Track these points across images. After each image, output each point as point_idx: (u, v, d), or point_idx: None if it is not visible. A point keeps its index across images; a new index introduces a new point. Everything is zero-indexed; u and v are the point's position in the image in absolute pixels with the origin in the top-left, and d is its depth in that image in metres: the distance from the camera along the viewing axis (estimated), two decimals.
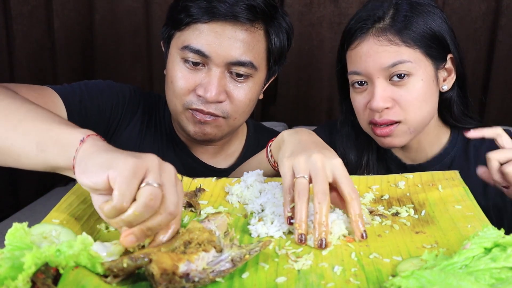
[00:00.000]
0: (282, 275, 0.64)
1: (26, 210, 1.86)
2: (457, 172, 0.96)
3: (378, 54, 1.08)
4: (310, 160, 0.79)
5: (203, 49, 1.08)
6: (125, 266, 0.61)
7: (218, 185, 0.96)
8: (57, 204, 0.82)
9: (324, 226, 0.73)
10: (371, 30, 1.10)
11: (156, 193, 0.65)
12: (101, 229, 0.78)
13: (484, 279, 0.59)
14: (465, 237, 0.69)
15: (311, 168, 0.78)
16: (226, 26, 1.08)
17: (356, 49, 1.11)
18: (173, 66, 1.13)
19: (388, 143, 1.14)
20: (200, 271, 0.62)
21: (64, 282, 0.58)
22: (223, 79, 1.10)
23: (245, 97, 1.13)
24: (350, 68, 1.14)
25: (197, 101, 1.11)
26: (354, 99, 1.16)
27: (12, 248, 0.61)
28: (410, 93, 1.09)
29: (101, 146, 0.72)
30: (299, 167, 0.79)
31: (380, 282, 0.63)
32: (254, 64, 1.11)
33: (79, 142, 0.73)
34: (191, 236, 0.67)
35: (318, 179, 0.77)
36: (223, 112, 1.12)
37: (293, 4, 1.93)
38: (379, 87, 1.09)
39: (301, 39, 1.96)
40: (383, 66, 1.08)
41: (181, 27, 1.11)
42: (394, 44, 1.08)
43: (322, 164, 0.78)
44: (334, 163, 0.79)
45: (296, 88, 2.03)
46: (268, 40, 1.15)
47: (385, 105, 1.09)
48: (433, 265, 0.63)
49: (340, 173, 0.79)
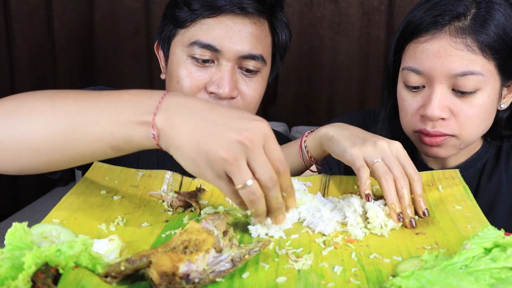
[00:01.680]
0: (282, 275, 0.64)
1: (26, 210, 1.87)
2: (457, 170, 0.95)
3: (449, 58, 0.95)
4: (378, 147, 0.84)
5: (213, 43, 1.04)
6: (123, 269, 0.61)
7: None
8: (57, 204, 0.82)
9: (411, 209, 0.79)
10: (448, 27, 0.96)
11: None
12: (101, 229, 0.78)
13: (484, 279, 0.59)
14: (465, 238, 0.69)
15: (382, 154, 0.83)
16: (235, 19, 1.05)
17: (424, 45, 0.98)
18: (178, 65, 1.08)
19: (435, 153, 1.04)
20: (200, 272, 0.62)
21: (64, 282, 0.58)
22: (234, 75, 1.07)
23: (256, 92, 1.11)
24: (409, 63, 1.01)
25: (209, 100, 1.05)
26: (404, 99, 1.04)
27: (12, 248, 0.61)
28: (472, 109, 0.98)
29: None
30: (370, 154, 0.84)
31: (380, 282, 0.63)
32: (264, 57, 1.09)
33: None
34: (189, 236, 0.66)
35: (393, 165, 0.82)
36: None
37: (293, 4, 1.93)
38: (440, 93, 0.97)
39: (301, 39, 1.97)
40: (452, 72, 0.95)
41: (186, 24, 1.07)
42: (471, 51, 0.95)
43: (390, 150, 0.83)
44: (397, 147, 0.84)
45: (296, 88, 2.03)
46: (274, 34, 1.13)
47: (441, 115, 0.98)
48: (433, 265, 0.63)
49: (403, 156, 0.84)
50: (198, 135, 0.67)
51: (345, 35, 1.96)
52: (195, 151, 0.67)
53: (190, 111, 0.69)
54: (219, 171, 0.67)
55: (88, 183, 0.91)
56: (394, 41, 1.07)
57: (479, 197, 1.10)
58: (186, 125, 0.68)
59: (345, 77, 2.00)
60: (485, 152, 1.13)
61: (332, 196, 0.89)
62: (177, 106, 0.70)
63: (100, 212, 0.82)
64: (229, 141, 0.66)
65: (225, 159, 0.65)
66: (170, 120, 0.68)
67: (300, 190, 0.88)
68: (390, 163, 0.82)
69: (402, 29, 1.04)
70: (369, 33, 1.96)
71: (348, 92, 2.01)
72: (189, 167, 0.69)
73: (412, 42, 1.00)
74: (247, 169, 0.67)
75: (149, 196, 0.90)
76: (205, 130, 0.67)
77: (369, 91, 2.02)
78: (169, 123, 0.68)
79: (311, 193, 0.89)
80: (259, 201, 0.68)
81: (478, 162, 1.12)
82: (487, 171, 1.11)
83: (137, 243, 0.73)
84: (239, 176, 0.66)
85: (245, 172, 0.66)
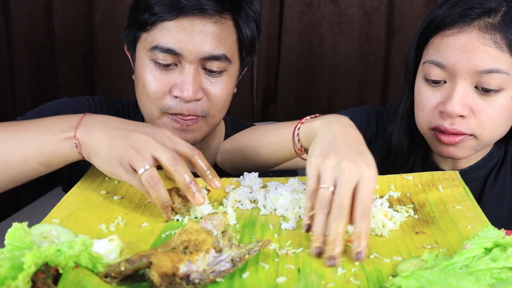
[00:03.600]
0: (282, 275, 0.64)
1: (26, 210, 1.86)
2: (457, 172, 0.95)
3: (476, 53, 0.92)
4: (339, 168, 0.72)
5: (173, 47, 1.02)
6: (123, 269, 0.61)
7: None
8: (57, 204, 0.82)
9: (337, 245, 0.68)
10: (477, 21, 0.93)
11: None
12: (101, 229, 0.78)
13: (484, 279, 0.59)
14: (465, 237, 0.69)
15: (337, 177, 0.72)
16: (194, 21, 1.03)
17: (450, 38, 0.95)
18: (143, 70, 1.06)
19: (450, 153, 1.00)
20: (200, 272, 0.62)
21: (64, 282, 0.58)
22: (198, 76, 1.05)
23: (222, 92, 1.08)
24: (432, 57, 0.98)
25: (175, 104, 1.05)
26: (423, 94, 1.01)
27: (12, 248, 0.61)
28: (493, 109, 0.95)
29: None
30: (326, 174, 0.73)
31: (380, 282, 0.63)
32: (227, 56, 1.06)
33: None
34: (189, 236, 0.66)
35: (340, 193, 0.71)
36: (202, 111, 1.07)
37: (293, 4, 1.93)
38: (462, 89, 0.94)
39: (301, 39, 1.96)
40: (477, 69, 0.93)
41: (147, 27, 1.05)
42: (499, 48, 0.92)
43: (349, 177, 0.71)
44: (363, 174, 0.72)
45: (296, 88, 2.03)
46: (239, 31, 1.09)
47: (461, 112, 0.95)
48: (433, 265, 0.63)
49: (364, 189, 0.72)
50: (111, 139, 0.82)
51: (345, 35, 1.96)
52: (108, 152, 0.82)
53: (105, 124, 0.85)
54: (126, 165, 0.80)
55: (88, 183, 0.92)
56: (417, 35, 1.04)
57: (485, 196, 1.10)
58: (102, 133, 0.84)
59: (345, 77, 2.00)
60: (496, 153, 1.11)
61: None
62: (94, 121, 0.86)
63: (100, 212, 0.82)
64: (135, 138, 0.81)
65: (130, 152, 0.80)
66: (89, 131, 0.85)
67: (300, 190, 0.88)
68: (340, 190, 0.71)
69: (427, 22, 1.01)
70: (369, 33, 1.95)
71: (348, 92, 2.01)
72: (104, 168, 0.84)
73: (437, 35, 0.97)
74: (149, 158, 0.80)
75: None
76: (116, 134, 0.83)
77: (369, 91, 2.02)
78: (88, 134, 0.85)
79: None
80: (157, 185, 0.79)
81: (489, 163, 1.10)
82: (494, 171, 1.11)
83: (137, 243, 0.73)
84: (140, 164, 0.79)
85: (146, 160, 0.79)
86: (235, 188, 0.92)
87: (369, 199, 0.72)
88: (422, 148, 1.10)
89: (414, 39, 1.05)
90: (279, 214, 0.83)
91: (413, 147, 1.11)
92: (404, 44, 1.89)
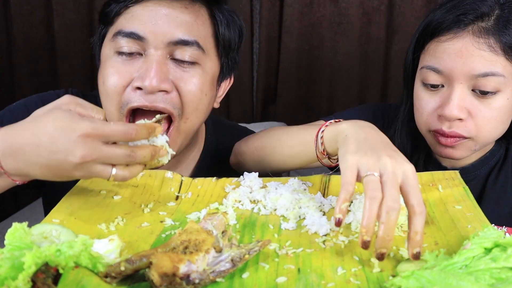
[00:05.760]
0: (282, 275, 0.64)
1: (26, 210, 1.86)
2: (457, 172, 0.95)
3: (471, 58, 0.94)
4: (382, 161, 0.70)
5: (137, 30, 0.93)
6: (123, 269, 0.61)
7: (218, 185, 0.95)
8: (57, 204, 0.82)
9: (388, 241, 0.65)
10: (471, 26, 0.95)
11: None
12: (101, 229, 0.78)
13: (484, 279, 0.59)
14: (465, 237, 0.69)
15: (382, 170, 0.70)
16: (161, 3, 0.95)
17: (446, 43, 0.97)
18: (104, 65, 0.97)
19: (449, 154, 1.02)
20: (200, 272, 0.62)
21: (64, 282, 0.58)
22: (164, 65, 0.94)
23: (196, 87, 0.97)
24: (429, 62, 1.00)
25: (135, 96, 0.93)
26: (421, 98, 1.03)
27: (12, 248, 0.61)
28: (490, 111, 0.97)
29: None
30: (368, 165, 0.70)
31: (380, 282, 0.63)
32: (200, 44, 0.96)
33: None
34: (189, 236, 0.67)
35: (388, 184, 0.68)
36: (174, 106, 0.95)
37: (293, 4, 1.93)
38: (459, 93, 0.96)
39: (301, 39, 1.97)
40: (473, 73, 0.94)
41: (114, 18, 0.97)
42: (493, 51, 0.93)
43: (392, 169, 0.69)
44: (405, 170, 0.70)
45: (296, 88, 2.03)
46: (215, 27, 1.01)
47: (459, 116, 0.96)
48: (433, 265, 0.63)
49: (410, 182, 0.69)
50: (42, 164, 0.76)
51: (345, 35, 1.96)
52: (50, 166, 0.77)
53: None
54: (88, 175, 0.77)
55: (88, 183, 0.91)
56: (414, 40, 1.05)
57: (487, 193, 1.11)
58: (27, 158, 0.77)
59: (345, 77, 2.00)
60: (497, 151, 1.12)
61: (332, 196, 0.89)
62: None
63: (100, 212, 0.82)
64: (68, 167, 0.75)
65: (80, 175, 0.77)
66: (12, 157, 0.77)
67: (300, 190, 0.88)
68: (386, 181, 0.68)
69: (422, 28, 1.03)
70: (369, 33, 1.96)
71: (348, 92, 2.01)
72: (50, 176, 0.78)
73: (433, 40, 0.99)
74: (99, 173, 0.77)
75: (148, 195, 0.90)
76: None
77: (369, 91, 2.02)
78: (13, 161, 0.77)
79: (311, 193, 0.89)
80: (132, 173, 0.79)
81: (491, 160, 1.12)
82: (496, 169, 1.12)
83: (137, 243, 0.73)
84: (104, 176, 0.77)
85: (105, 173, 0.77)
86: (235, 188, 0.92)
87: (419, 191, 0.69)
88: (425, 148, 1.12)
89: (411, 45, 1.07)
90: (279, 214, 0.83)
91: (416, 147, 1.13)
92: (404, 44, 1.89)
